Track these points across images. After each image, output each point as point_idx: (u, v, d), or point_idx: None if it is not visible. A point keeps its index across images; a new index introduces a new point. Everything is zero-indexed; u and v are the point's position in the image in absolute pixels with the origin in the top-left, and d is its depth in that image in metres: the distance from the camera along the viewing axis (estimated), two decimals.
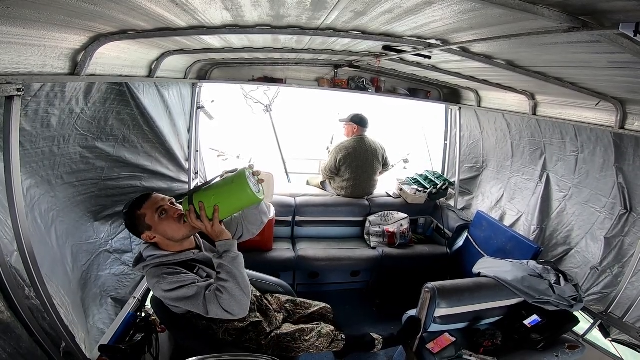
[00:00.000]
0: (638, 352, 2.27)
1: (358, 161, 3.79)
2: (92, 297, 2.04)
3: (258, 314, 1.89)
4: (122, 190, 2.46)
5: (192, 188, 1.55)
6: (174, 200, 1.66)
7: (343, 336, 2.02)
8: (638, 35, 0.95)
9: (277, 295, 2.17)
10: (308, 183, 4.45)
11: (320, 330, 1.96)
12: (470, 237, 3.40)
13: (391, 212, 3.78)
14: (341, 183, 3.86)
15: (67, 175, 1.93)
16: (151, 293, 2.42)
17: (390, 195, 4.09)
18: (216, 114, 3.85)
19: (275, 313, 2.00)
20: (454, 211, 3.89)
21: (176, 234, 1.61)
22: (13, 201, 1.33)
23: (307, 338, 1.91)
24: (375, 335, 2.16)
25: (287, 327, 1.94)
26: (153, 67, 2.33)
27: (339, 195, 3.92)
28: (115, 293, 2.21)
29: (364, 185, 3.92)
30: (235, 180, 1.50)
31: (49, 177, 1.79)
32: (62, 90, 1.67)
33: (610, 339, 2.38)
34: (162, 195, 1.65)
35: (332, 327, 2.03)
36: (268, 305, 2.00)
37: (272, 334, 1.87)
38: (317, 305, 2.19)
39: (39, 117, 1.61)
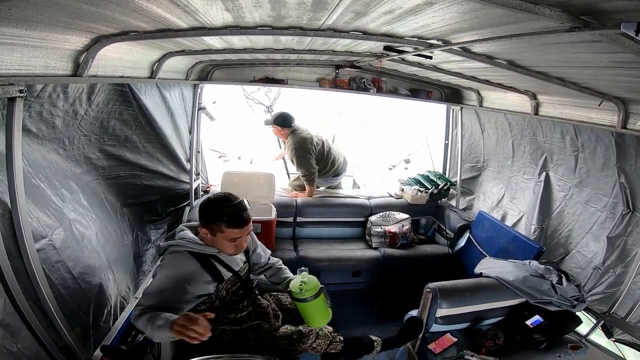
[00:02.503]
0: None
1: (318, 146, 3.85)
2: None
3: (257, 320, 1.90)
4: (122, 188, 2.47)
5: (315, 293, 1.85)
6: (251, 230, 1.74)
7: (341, 338, 2.02)
8: (639, 34, 0.95)
9: (276, 294, 2.17)
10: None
11: (318, 332, 1.96)
12: (472, 237, 3.40)
13: (393, 212, 3.78)
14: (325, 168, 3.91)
15: (74, 176, 1.95)
16: None
17: (391, 196, 4.09)
18: (217, 115, 3.85)
19: (274, 313, 2.01)
20: (455, 211, 3.88)
21: (226, 251, 1.70)
22: (15, 202, 1.34)
23: (305, 339, 1.91)
24: (374, 338, 2.15)
25: (286, 329, 1.95)
26: (154, 68, 2.34)
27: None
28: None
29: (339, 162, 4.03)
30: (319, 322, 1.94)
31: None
32: (65, 91, 1.68)
33: (613, 339, 2.37)
34: (249, 228, 1.69)
35: (330, 329, 2.03)
36: (267, 307, 2.00)
37: (271, 335, 1.87)
38: None
39: (44, 118, 1.63)
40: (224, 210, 1.61)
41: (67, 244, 1.68)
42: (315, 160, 3.76)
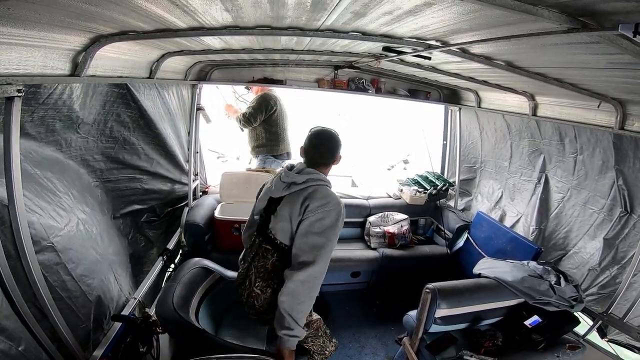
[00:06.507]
0: (635, 352, 2.27)
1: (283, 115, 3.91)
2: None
3: None
4: (122, 192, 2.45)
5: None
6: None
7: None
8: (637, 36, 0.95)
9: None
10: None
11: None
12: (470, 237, 3.41)
13: (391, 213, 3.78)
14: (269, 137, 3.91)
15: (79, 177, 1.95)
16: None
17: (390, 196, 4.09)
18: (216, 115, 3.84)
19: None
20: (454, 212, 3.89)
21: None
22: (14, 202, 1.33)
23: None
24: None
25: None
26: (153, 68, 2.33)
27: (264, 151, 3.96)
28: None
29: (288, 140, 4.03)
30: None
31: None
32: (63, 92, 1.68)
33: (606, 339, 2.38)
34: None
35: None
36: None
37: None
38: None
39: (45, 121, 1.62)
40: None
41: (70, 246, 1.68)
42: (260, 120, 3.80)
